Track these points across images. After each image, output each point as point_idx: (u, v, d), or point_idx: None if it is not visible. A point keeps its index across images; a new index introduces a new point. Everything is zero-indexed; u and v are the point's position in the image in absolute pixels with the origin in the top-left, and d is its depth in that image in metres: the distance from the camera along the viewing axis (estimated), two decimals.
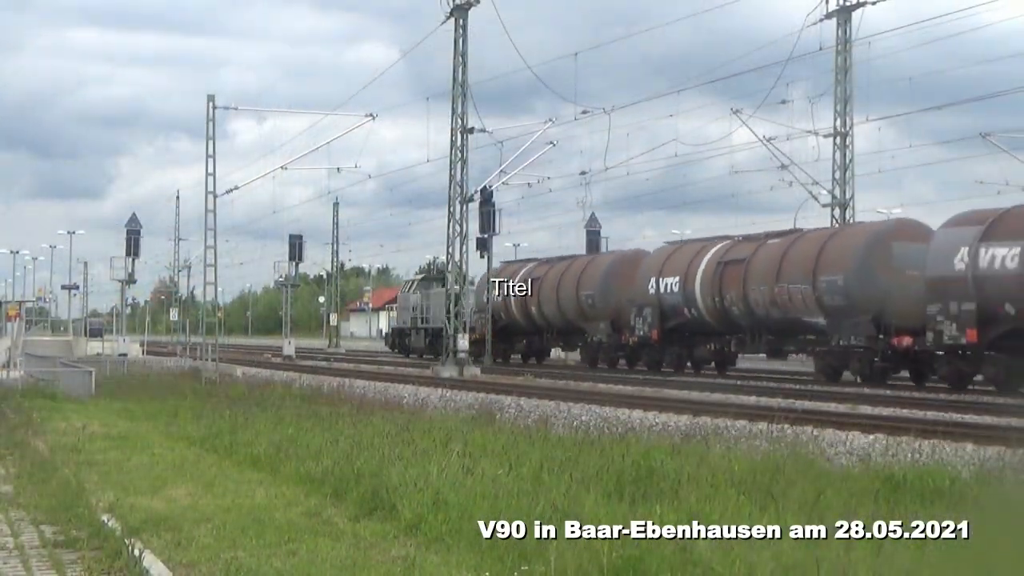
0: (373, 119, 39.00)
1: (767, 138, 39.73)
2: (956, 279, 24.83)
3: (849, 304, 28.24)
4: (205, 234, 35.64)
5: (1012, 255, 23.78)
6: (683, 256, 35.19)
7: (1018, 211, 25.05)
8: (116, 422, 18.39)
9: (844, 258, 28.79)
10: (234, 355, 54.82)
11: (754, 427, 16.42)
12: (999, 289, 24.03)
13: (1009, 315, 24.06)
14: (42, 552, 8.30)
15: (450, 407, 21.80)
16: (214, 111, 35.11)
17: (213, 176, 34.78)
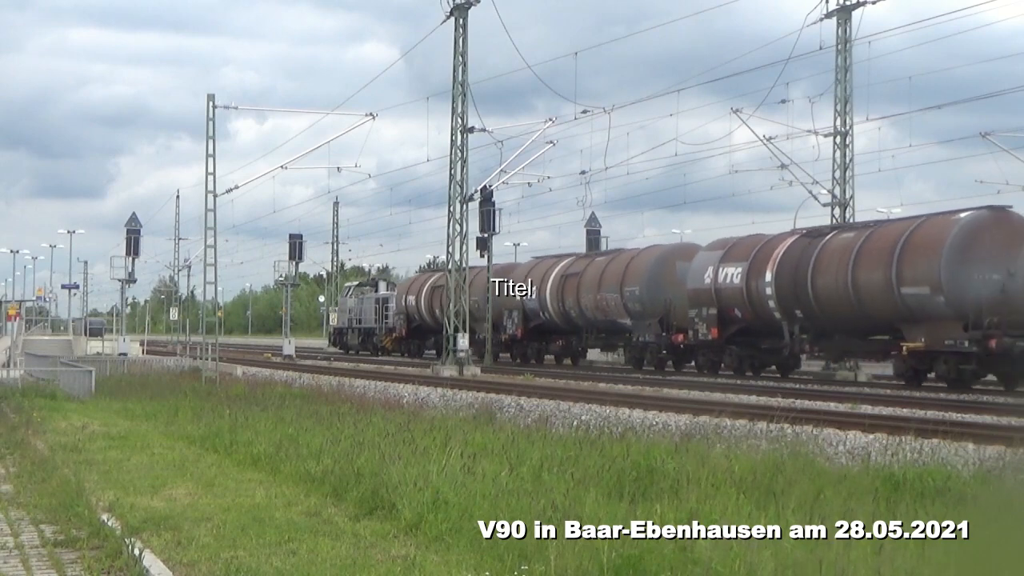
0: (373, 118, 38.96)
1: (767, 137, 39.72)
2: (705, 291, 33.40)
3: (643, 309, 36.64)
4: (205, 233, 35.63)
5: (736, 273, 32.07)
6: (540, 269, 44.11)
7: (743, 240, 33.64)
8: (116, 421, 18.39)
9: (640, 273, 37.16)
10: (234, 354, 54.81)
11: (754, 426, 16.41)
12: (730, 298, 32.45)
13: (737, 317, 32.55)
14: (42, 551, 8.30)
15: (450, 406, 21.78)
16: (214, 110, 35.07)
17: (213, 176, 34.76)
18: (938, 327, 26.12)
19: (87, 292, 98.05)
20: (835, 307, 29.00)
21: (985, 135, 37.21)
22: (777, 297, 30.85)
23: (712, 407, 19.11)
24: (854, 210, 37.75)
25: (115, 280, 58.81)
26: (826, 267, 29.12)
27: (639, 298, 36.70)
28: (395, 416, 17.20)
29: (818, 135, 38.05)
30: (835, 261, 28.90)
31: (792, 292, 30.22)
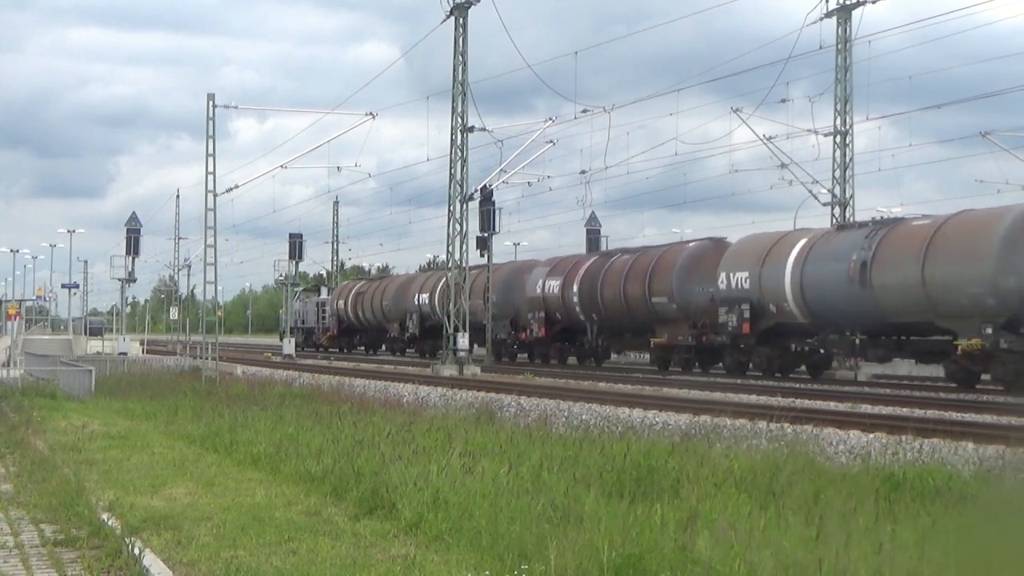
0: (373, 118, 38.96)
1: (767, 137, 39.75)
2: (537, 298, 42.83)
3: (500, 312, 45.79)
4: (205, 233, 35.62)
5: (555, 284, 41.92)
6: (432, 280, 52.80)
7: (565, 260, 44.02)
8: (116, 421, 18.39)
9: (499, 283, 46.14)
10: (234, 354, 54.82)
11: (754, 426, 16.41)
12: (552, 304, 42.16)
13: (558, 319, 42.35)
14: (42, 551, 8.30)
15: (450, 406, 21.78)
16: (214, 110, 35.06)
17: (213, 175, 34.75)
18: (674, 327, 35.72)
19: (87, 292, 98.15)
20: (615, 312, 38.83)
21: (985, 135, 37.23)
22: (580, 304, 40.45)
23: (712, 407, 19.11)
24: (854, 209, 37.77)
25: (115, 280, 58.85)
26: (610, 282, 38.80)
27: (496, 303, 45.70)
28: (395, 416, 17.20)
29: (818, 135, 38.08)
30: (615, 277, 38.60)
31: (589, 300, 39.88)
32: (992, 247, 24.40)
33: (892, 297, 26.83)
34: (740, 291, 32.07)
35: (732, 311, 32.16)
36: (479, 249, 44.09)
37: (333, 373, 34.64)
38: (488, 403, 21.85)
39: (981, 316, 24.50)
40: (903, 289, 26.42)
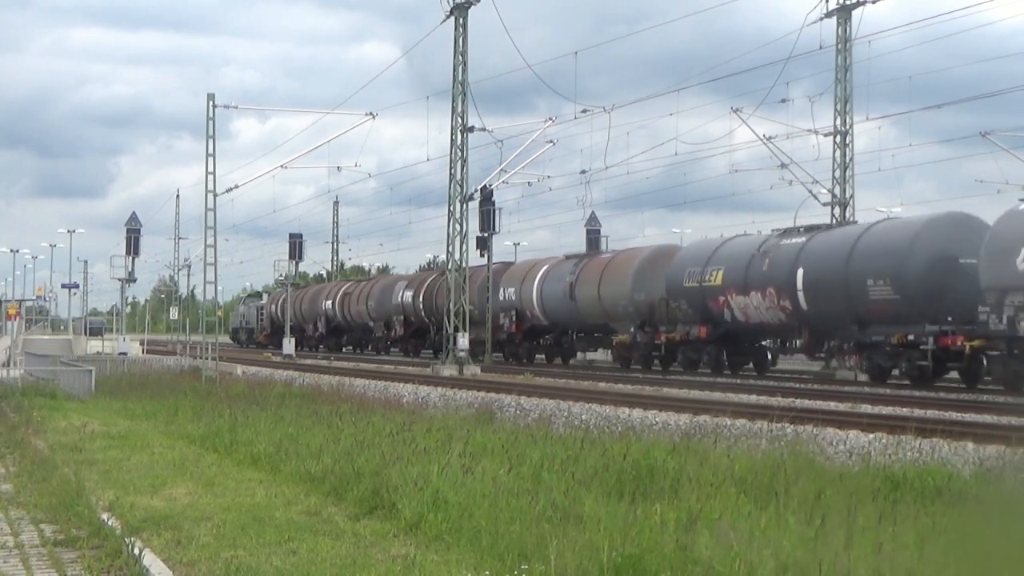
0: (373, 118, 38.97)
1: (767, 137, 39.73)
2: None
3: (377, 314, 57.42)
4: (205, 233, 35.64)
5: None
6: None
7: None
8: (116, 421, 18.39)
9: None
10: (234, 354, 54.83)
11: (754, 426, 16.42)
12: (407, 310, 53.21)
13: (413, 322, 53.56)
14: (42, 551, 8.30)
15: (450, 406, 21.78)
16: (214, 110, 35.07)
17: (213, 175, 34.77)
18: (478, 328, 43.06)
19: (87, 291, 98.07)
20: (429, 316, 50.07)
21: (985, 135, 37.20)
22: (424, 310, 52.47)
23: (712, 406, 19.12)
24: (854, 209, 37.76)
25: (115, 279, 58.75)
26: (433, 294, 49.40)
27: (374, 308, 57.97)
28: (395, 416, 17.20)
29: (818, 134, 38.06)
30: (432, 290, 49.97)
31: (426, 308, 51.04)
32: (629, 276, 38.13)
33: (586, 307, 40.58)
34: (510, 302, 45.52)
35: (507, 316, 45.42)
36: (479, 249, 44.11)
37: (333, 373, 34.63)
38: (488, 403, 21.85)
39: (628, 319, 38.40)
40: (590, 302, 40.22)
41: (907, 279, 26.97)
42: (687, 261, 35.86)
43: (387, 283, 59.43)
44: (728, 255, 33.88)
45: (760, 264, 31.59)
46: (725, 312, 33.35)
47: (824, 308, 29.45)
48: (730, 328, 33.67)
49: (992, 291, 24.51)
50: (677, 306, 35.41)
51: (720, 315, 33.60)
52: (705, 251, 35.50)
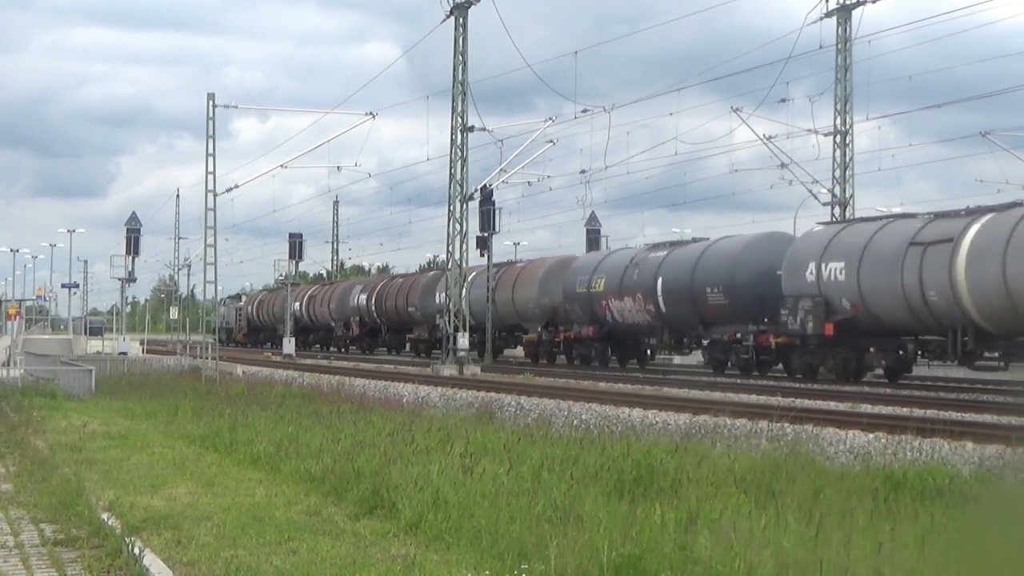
0: (373, 117, 39.00)
1: (767, 136, 39.77)
2: (353, 307, 56.98)
3: (338, 316, 62.27)
4: (205, 233, 35.65)
5: (364, 298, 57.17)
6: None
7: (374, 278, 58.17)
8: (116, 421, 18.39)
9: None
10: (234, 353, 54.83)
11: (754, 426, 16.41)
12: (362, 312, 58.72)
13: (366, 322, 59.11)
14: (42, 550, 8.30)
15: (450, 406, 21.79)
16: (214, 109, 35.07)
17: (213, 175, 34.77)
18: (421, 327, 52.61)
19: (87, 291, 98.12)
20: (395, 316, 56.05)
21: (985, 134, 37.23)
22: (377, 311, 58.69)
23: (712, 406, 19.11)
24: (854, 209, 37.80)
25: (115, 279, 58.76)
26: (390, 296, 56.78)
27: (335, 308, 63.36)
28: (395, 415, 17.20)
29: (818, 134, 38.09)
30: (394, 292, 55.89)
31: (377, 309, 57.94)
32: (536, 282, 43.33)
33: (502, 309, 45.49)
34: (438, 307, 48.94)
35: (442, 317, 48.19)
36: (479, 249, 44.12)
37: (333, 373, 34.62)
38: (488, 403, 21.84)
39: (536, 320, 43.58)
40: (505, 304, 45.25)
41: (735, 287, 32.19)
42: (579, 270, 40.55)
43: (346, 287, 65.36)
44: (609, 266, 38.95)
45: (632, 274, 36.94)
46: (607, 314, 38.31)
47: (678, 311, 34.65)
48: (611, 328, 38.76)
49: (790, 297, 29.60)
50: (572, 309, 40.31)
51: (604, 317, 38.53)
52: (593, 262, 40.63)
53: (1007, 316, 24.14)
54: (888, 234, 27.29)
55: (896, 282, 26.15)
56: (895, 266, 26.26)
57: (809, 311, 28.62)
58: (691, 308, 33.89)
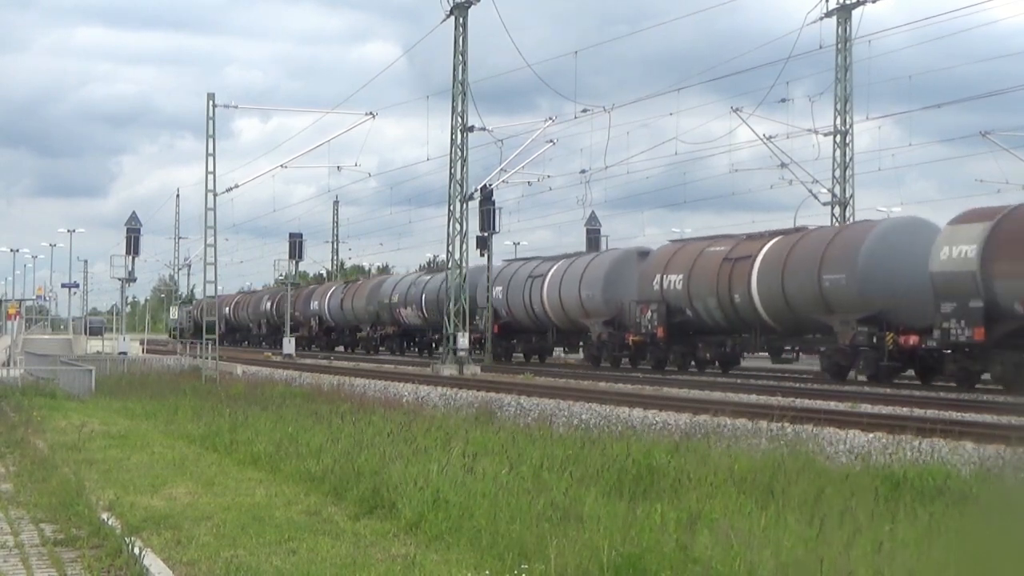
0: (373, 117, 39.00)
1: (767, 136, 39.79)
2: (314, 312, 63.43)
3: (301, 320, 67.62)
4: (205, 232, 35.68)
5: (316, 303, 64.13)
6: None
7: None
8: (116, 420, 18.39)
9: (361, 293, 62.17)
10: (234, 353, 54.81)
11: (754, 425, 16.41)
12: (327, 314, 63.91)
13: (334, 325, 65.05)
14: (42, 550, 8.29)
15: (450, 405, 21.78)
16: (214, 109, 35.09)
17: (213, 175, 34.80)
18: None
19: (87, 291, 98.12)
20: (355, 316, 62.90)
21: (985, 134, 37.22)
22: (345, 313, 64.07)
23: (712, 406, 19.11)
24: (854, 209, 37.83)
25: (115, 279, 58.72)
26: (349, 296, 63.33)
27: (251, 313, 76.90)
28: (395, 415, 17.20)
29: (818, 134, 38.10)
30: (364, 291, 62.03)
31: (340, 311, 64.26)
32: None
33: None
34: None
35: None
36: (479, 249, 44.11)
37: (333, 373, 34.63)
38: (488, 403, 21.84)
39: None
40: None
41: (607, 296, 37.90)
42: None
43: (258, 296, 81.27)
44: (506, 276, 44.91)
45: (527, 287, 42.85)
46: (504, 312, 44.08)
47: (566, 314, 40.51)
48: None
49: (642, 303, 35.67)
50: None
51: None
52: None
53: (786, 316, 30.77)
54: (710, 252, 33.84)
55: (714, 290, 32.77)
56: (714, 278, 32.80)
57: (655, 314, 34.87)
58: (579, 311, 39.99)
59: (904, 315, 27.35)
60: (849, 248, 28.81)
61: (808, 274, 29.31)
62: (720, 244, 33.96)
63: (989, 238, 24.63)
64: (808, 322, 30.40)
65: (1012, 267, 24.03)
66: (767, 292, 30.69)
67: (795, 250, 30.37)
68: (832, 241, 29.70)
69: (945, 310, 25.34)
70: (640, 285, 36.09)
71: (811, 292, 29.27)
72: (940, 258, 25.70)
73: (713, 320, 33.33)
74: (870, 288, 27.78)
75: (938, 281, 25.76)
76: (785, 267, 30.18)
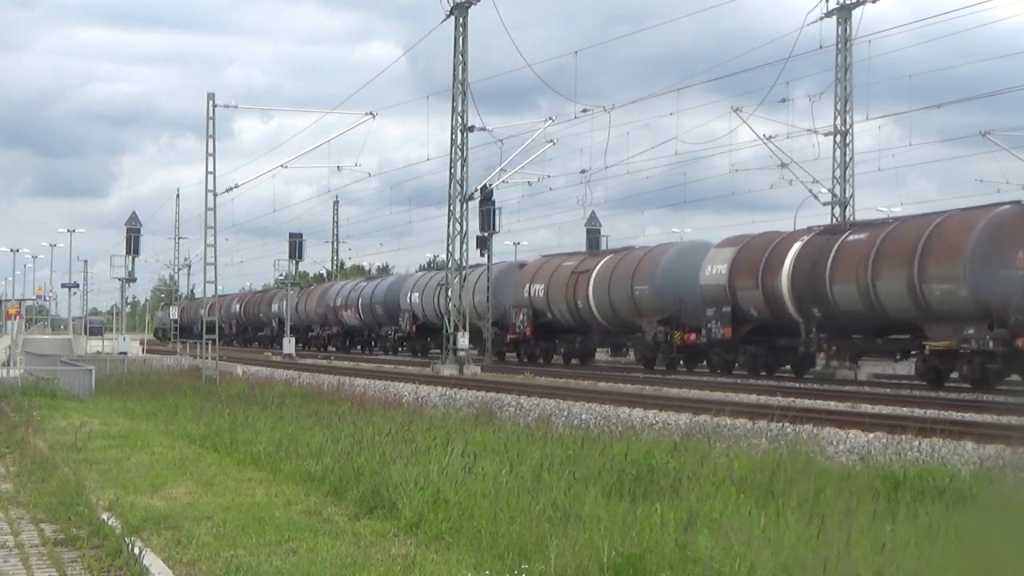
0: (373, 117, 38.97)
1: (768, 136, 39.78)
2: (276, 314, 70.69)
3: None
4: (205, 232, 35.68)
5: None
6: None
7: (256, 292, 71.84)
8: (116, 420, 18.38)
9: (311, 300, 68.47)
10: (234, 353, 54.82)
11: (754, 426, 16.41)
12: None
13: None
14: (42, 550, 8.29)
15: (450, 405, 21.77)
16: (214, 109, 35.08)
17: (213, 175, 34.80)
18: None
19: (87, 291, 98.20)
20: (311, 317, 69.69)
21: (984, 134, 37.21)
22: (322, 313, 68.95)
23: (712, 406, 19.11)
24: (854, 209, 37.81)
25: (115, 279, 58.80)
26: (311, 299, 68.20)
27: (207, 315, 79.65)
28: (395, 415, 17.19)
29: (818, 134, 38.08)
30: (319, 298, 67.95)
31: (308, 312, 68.73)
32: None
33: (347, 315, 58.44)
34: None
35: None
36: (479, 249, 44.13)
37: (333, 373, 34.63)
38: (488, 403, 21.83)
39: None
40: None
41: (491, 303, 44.71)
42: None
43: (229, 299, 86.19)
44: (421, 284, 52.78)
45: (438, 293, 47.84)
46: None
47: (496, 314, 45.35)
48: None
49: (515, 308, 43.59)
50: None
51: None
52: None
53: (613, 319, 39.00)
54: (564, 266, 41.94)
55: (564, 297, 40.58)
56: (564, 287, 40.75)
57: (527, 316, 42.88)
58: (498, 312, 45.56)
59: (687, 317, 35.18)
60: (652, 265, 36.96)
61: (625, 285, 37.42)
62: (571, 260, 42.37)
63: (734, 260, 32.80)
64: (628, 323, 38.29)
65: (747, 282, 32.00)
66: (600, 299, 38.80)
67: (618, 266, 38.46)
68: (642, 259, 37.72)
69: (709, 314, 33.42)
70: (515, 292, 44.19)
71: (627, 299, 37.44)
72: (706, 274, 33.94)
73: (566, 321, 41.33)
74: (664, 296, 35.93)
75: (704, 292, 33.87)
76: (611, 280, 38.30)
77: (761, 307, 31.47)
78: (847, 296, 28.06)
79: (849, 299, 28.04)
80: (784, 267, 30.51)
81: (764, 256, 31.50)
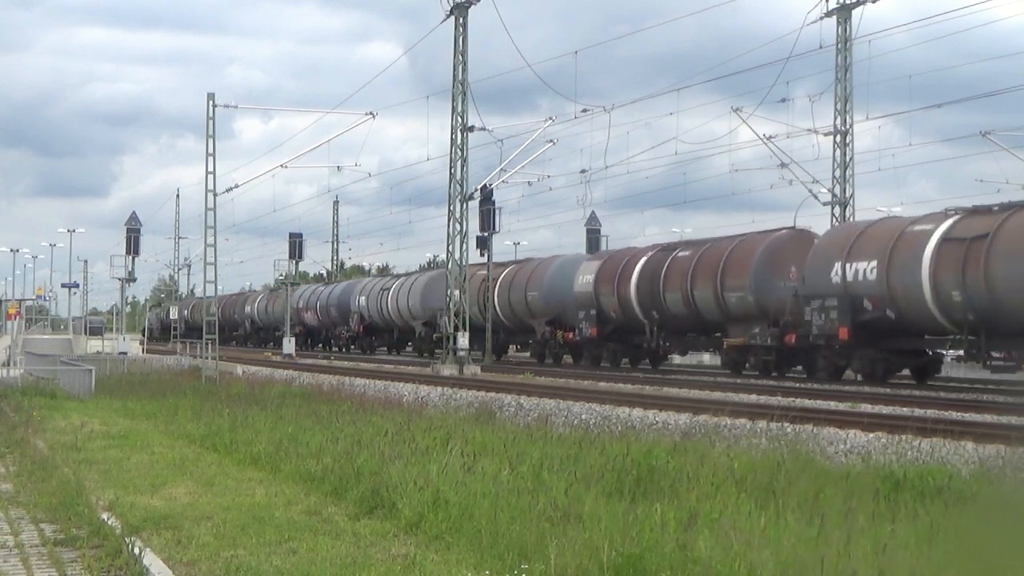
0: (373, 117, 38.96)
1: (768, 136, 39.79)
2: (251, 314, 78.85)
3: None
4: (205, 232, 35.69)
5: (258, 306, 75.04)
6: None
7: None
8: (116, 420, 18.39)
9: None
10: (234, 353, 54.82)
11: (754, 425, 16.41)
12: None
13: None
14: (42, 550, 8.29)
15: (450, 405, 21.78)
16: (214, 109, 35.08)
17: (213, 175, 34.80)
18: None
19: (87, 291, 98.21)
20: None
21: (985, 134, 37.21)
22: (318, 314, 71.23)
23: (712, 406, 19.11)
24: (854, 209, 37.80)
25: (115, 279, 58.82)
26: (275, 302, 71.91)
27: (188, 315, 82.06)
28: (395, 415, 17.20)
29: (818, 134, 38.08)
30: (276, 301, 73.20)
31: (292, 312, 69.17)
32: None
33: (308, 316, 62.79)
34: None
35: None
36: (479, 249, 44.13)
37: (333, 373, 34.62)
38: (488, 403, 21.83)
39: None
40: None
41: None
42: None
43: (207, 300, 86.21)
44: (367, 288, 58.27)
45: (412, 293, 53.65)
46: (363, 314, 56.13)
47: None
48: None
49: (440, 311, 45.07)
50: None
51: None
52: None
53: (514, 320, 45.11)
54: (478, 275, 45.60)
55: (477, 301, 44.76)
56: (477, 292, 44.92)
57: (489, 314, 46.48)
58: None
59: (568, 319, 40.80)
60: (542, 274, 43.35)
61: (521, 291, 43.70)
62: (483, 269, 46.44)
63: (599, 272, 38.74)
64: (526, 324, 44.31)
65: (607, 289, 37.92)
66: (504, 303, 44.91)
67: (517, 275, 45.00)
68: (534, 269, 44.46)
69: (580, 316, 39.27)
70: (470, 298, 46.83)
71: (523, 303, 43.73)
72: (579, 282, 39.78)
73: (480, 321, 45.54)
74: (550, 301, 41.91)
75: (577, 297, 39.76)
76: (510, 286, 44.65)
77: (617, 310, 37.57)
78: (675, 302, 34.82)
79: (677, 304, 34.77)
80: (632, 278, 36.99)
81: (619, 268, 37.69)
